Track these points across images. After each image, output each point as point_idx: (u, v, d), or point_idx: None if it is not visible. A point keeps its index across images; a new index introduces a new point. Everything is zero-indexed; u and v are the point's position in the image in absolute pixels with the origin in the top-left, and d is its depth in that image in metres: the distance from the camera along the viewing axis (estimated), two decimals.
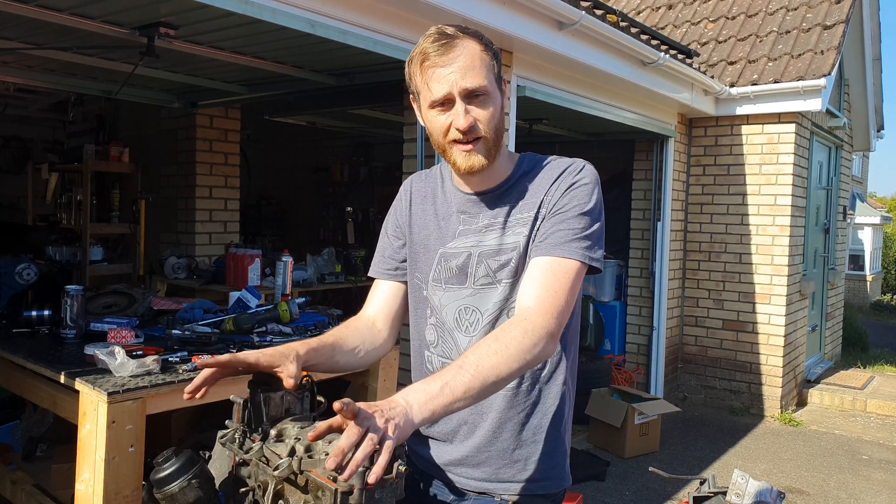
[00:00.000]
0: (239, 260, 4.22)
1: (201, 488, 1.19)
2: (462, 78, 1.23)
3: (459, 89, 1.24)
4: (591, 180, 1.34)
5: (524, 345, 1.16)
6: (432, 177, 1.49)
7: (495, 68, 1.29)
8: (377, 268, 1.52)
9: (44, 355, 2.35)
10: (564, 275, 1.26)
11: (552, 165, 1.37)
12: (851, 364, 7.91)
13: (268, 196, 8.29)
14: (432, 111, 1.28)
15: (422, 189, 1.48)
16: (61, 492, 2.56)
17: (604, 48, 4.36)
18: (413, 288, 1.46)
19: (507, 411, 1.35)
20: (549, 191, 1.32)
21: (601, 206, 1.34)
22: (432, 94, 1.25)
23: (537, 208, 1.32)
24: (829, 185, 7.28)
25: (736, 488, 2.93)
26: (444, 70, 1.24)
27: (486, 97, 1.26)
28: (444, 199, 1.43)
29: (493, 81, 1.28)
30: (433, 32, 1.26)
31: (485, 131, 1.27)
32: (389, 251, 1.50)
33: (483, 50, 1.27)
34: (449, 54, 1.23)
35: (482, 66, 1.25)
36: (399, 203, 1.51)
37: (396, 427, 0.98)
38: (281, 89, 4.35)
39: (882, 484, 4.50)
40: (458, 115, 1.25)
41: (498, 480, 1.36)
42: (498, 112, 1.29)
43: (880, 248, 17.82)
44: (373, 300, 1.51)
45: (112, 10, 2.91)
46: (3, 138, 6.21)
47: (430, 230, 1.43)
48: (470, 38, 1.27)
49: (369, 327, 1.47)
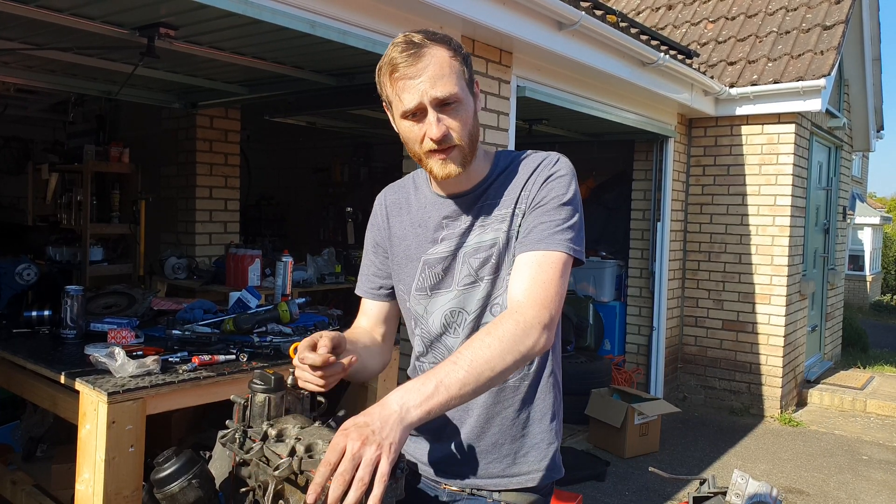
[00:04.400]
0: (239, 260, 4.23)
1: (201, 488, 1.19)
2: (432, 87, 1.22)
3: (430, 99, 1.22)
4: (566, 172, 1.33)
5: (517, 337, 1.15)
6: (404, 187, 1.48)
7: (466, 73, 1.28)
8: (362, 287, 1.54)
9: (44, 355, 2.35)
10: (551, 266, 1.25)
11: (527, 160, 1.36)
12: (851, 364, 7.91)
13: (268, 196, 8.29)
14: (405, 122, 1.27)
15: (396, 200, 1.48)
16: (61, 492, 2.56)
17: (604, 48, 4.37)
18: (399, 300, 1.48)
19: (493, 406, 1.35)
20: (526, 185, 1.32)
21: (579, 197, 1.34)
22: (403, 104, 1.24)
23: (514, 204, 1.32)
24: (829, 186, 7.28)
25: (736, 488, 2.93)
26: (413, 81, 1.22)
27: (458, 104, 1.25)
28: (419, 206, 1.42)
29: (464, 87, 1.26)
30: (400, 41, 1.24)
31: (458, 139, 1.26)
32: (372, 269, 1.51)
33: (452, 56, 1.25)
34: (417, 64, 1.22)
35: (452, 74, 1.24)
36: (375, 218, 1.51)
37: (391, 447, 0.97)
38: (281, 89, 4.35)
39: (882, 484, 4.50)
40: (430, 125, 1.24)
41: (488, 476, 1.37)
42: (471, 117, 1.28)
43: (880, 249, 17.82)
44: (364, 314, 1.54)
45: (112, 11, 2.91)
46: (3, 138, 6.21)
47: (409, 240, 1.42)
48: (438, 45, 1.25)
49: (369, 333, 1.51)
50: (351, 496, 0.91)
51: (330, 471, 0.93)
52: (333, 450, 0.95)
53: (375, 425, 0.99)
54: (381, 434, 0.98)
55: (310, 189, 8.42)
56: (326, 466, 0.94)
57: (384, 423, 1.00)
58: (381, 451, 0.95)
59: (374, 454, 0.95)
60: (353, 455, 0.94)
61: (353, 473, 0.93)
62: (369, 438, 0.96)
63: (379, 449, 0.96)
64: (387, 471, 0.94)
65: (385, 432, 0.98)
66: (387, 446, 0.96)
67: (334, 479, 0.93)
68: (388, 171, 7.47)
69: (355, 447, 0.95)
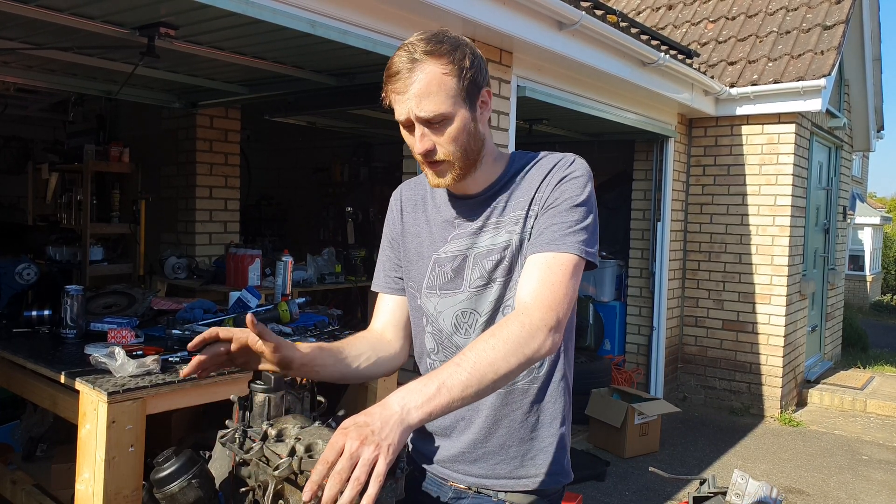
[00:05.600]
0: (239, 260, 4.23)
1: (201, 488, 1.19)
2: (416, 106, 1.23)
3: (414, 116, 1.25)
4: (582, 173, 1.32)
5: (522, 339, 1.14)
6: (421, 184, 1.48)
7: (461, 87, 1.25)
8: (379, 282, 1.52)
9: (44, 355, 2.35)
10: (561, 268, 1.24)
11: (543, 161, 1.36)
12: (851, 364, 7.91)
13: (268, 196, 8.29)
14: (402, 129, 1.30)
15: (412, 197, 1.48)
16: (61, 492, 2.57)
17: (604, 48, 4.36)
18: (409, 297, 1.47)
19: (502, 408, 1.35)
20: (541, 186, 1.31)
21: (594, 199, 1.32)
22: (396, 115, 1.28)
23: (528, 205, 1.32)
24: (829, 186, 7.28)
25: (736, 488, 2.93)
26: (402, 96, 1.24)
27: (446, 121, 1.25)
28: (434, 206, 1.43)
29: (456, 102, 1.25)
30: (402, 53, 1.25)
31: (445, 155, 1.27)
32: (389, 264, 1.51)
33: (445, 73, 1.23)
34: (407, 80, 1.23)
35: (440, 92, 1.23)
36: (391, 214, 1.52)
37: (390, 448, 0.96)
38: (281, 89, 4.35)
39: (882, 484, 4.50)
40: (415, 139, 1.27)
41: (495, 477, 1.36)
42: (462, 131, 1.27)
43: (880, 249, 17.81)
44: (379, 314, 1.51)
45: (112, 10, 2.91)
46: (4, 138, 6.21)
47: (422, 238, 1.42)
48: (433, 61, 1.23)
49: (378, 338, 1.48)
50: (346, 495, 0.91)
51: (327, 469, 0.93)
52: (332, 448, 0.95)
53: (375, 425, 0.98)
54: (381, 434, 0.97)
55: (310, 189, 8.41)
56: (324, 464, 0.94)
57: (384, 423, 0.99)
58: (378, 452, 0.95)
59: (371, 454, 0.94)
60: (350, 454, 0.94)
61: (349, 472, 0.93)
62: (368, 438, 0.96)
63: (377, 449, 0.95)
64: (383, 471, 0.93)
65: (384, 433, 0.98)
66: (385, 447, 0.96)
67: (331, 478, 0.92)
68: (389, 170, 7.47)
69: (353, 446, 0.94)
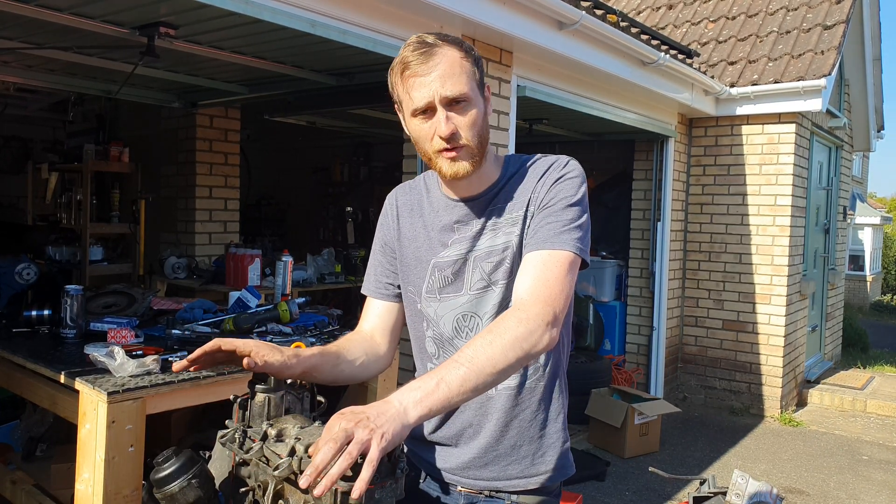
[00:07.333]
0: (239, 260, 4.23)
1: (201, 488, 1.19)
2: (442, 86, 1.23)
3: (440, 97, 1.24)
4: (576, 174, 1.34)
5: (520, 334, 1.15)
6: (416, 188, 1.48)
7: (476, 74, 1.29)
8: (370, 286, 1.52)
9: (44, 355, 2.34)
10: (557, 265, 1.25)
11: (538, 163, 1.37)
12: (851, 364, 7.91)
13: (268, 196, 8.29)
14: (415, 119, 1.28)
15: (408, 202, 1.48)
16: (61, 492, 2.56)
17: (604, 48, 4.36)
18: (407, 302, 1.46)
19: (512, 410, 1.36)
20: (537, 187, 1.33)
21: (587, 200, 1.35)
22: (413, 102, 1.26)
23: (526, 206, 1.33)
24: (829, 186, 7.28)
25: (736, 488, 2.93)
26: (424, 78, 1.24)
27: (468, 104, 1.26)
28: (431, 209, 1.43)
29: (474, 88, 1.28)
30: (413, 41, 1.27)
31: (467, 138, 1.27)
32: (380, 269, 1.50)
33: (463, 57, 1.27)
34: (428, 62, 1.24)
35: (462, 73, 1.25)
36: (385, 218, 1.51)
37: (384, 437, 0.96)
38: (281, 89, 4.35)
39: (882, 484, 4.50)
40: (439, 122, 1.25)
41: (507, 478, 1.37)
42: (480, 118, 1.29)
43: (880, 249, 17.81)
44: (368, 317, 1.51)
45: (112, 10, 2.91)
46: (3, 138, 6.21)
47: (420, 242, 1.42)
48: (450, 46, 1.27)
49: (368, 340, 1.48)
50: (335, 467, 0.91)
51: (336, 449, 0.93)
52: (328, 430, 0.97)
53: (371, 413, 1.00)
54: (376, 422, 0.98)
55: (310, 189, 8.42)
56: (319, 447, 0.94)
57: (380, 413, 1.00)
58: (372, 437, 0.96)
59: (364, 435, 0.95)
60: (345, 430, 0.95)
61: (343, 444, 0.93)
62: (362, 422, 0.97)
63: (371, 433, 0.96)
64: (376, 457, 0.94)
65: (380, 421, 0.99)
66: (378, 433, 0.96)
67: (322, 445, 0.93)
68: (388, 170, 7.47)
69: (348, 426, 0.96)
